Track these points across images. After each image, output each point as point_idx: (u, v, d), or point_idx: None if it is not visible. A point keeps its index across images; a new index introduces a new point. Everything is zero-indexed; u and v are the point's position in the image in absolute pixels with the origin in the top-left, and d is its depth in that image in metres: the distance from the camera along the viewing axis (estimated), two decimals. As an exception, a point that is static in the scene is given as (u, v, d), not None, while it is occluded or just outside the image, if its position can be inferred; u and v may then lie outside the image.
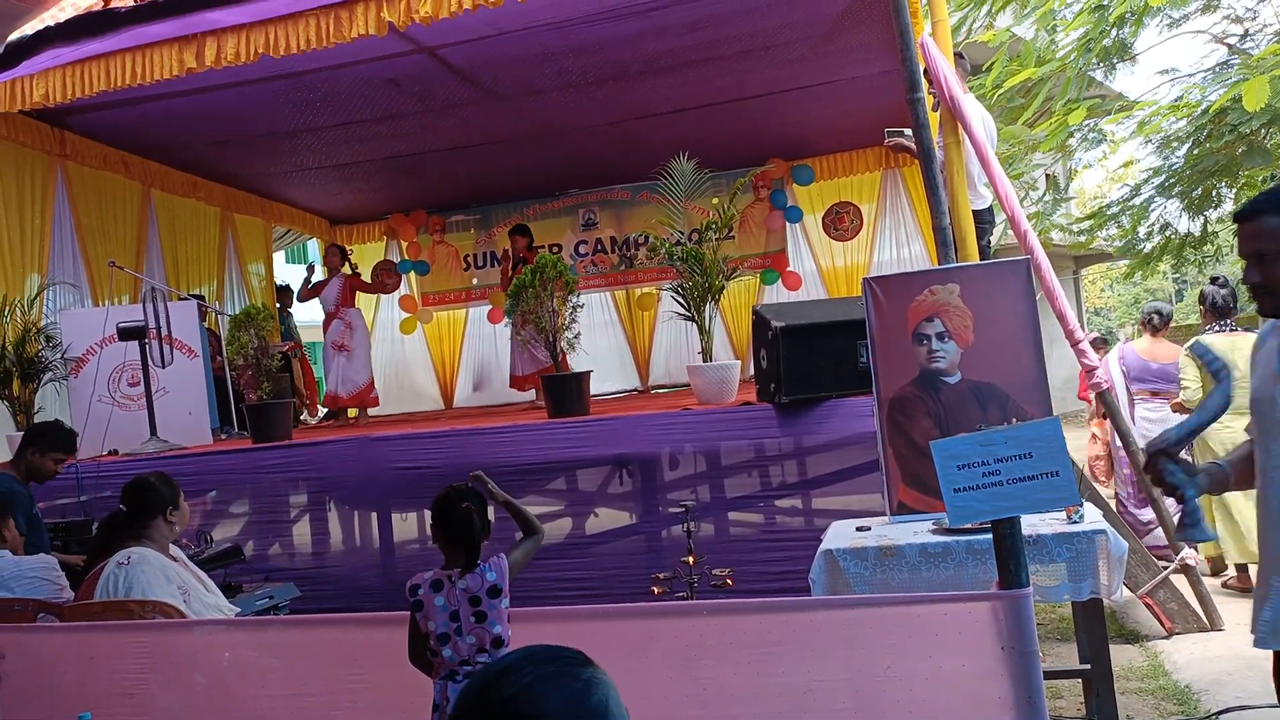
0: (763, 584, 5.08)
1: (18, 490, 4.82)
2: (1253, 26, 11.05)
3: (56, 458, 5.00)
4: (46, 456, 4.96)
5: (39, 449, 4.96)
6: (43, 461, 4.96)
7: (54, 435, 5.05)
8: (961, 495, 2.58)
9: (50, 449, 4.98)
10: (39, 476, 5.01)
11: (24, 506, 4.76)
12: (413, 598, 2.89)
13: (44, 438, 5.01)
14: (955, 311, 4.30)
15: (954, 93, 5.11)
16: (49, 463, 4.97)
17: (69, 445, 5.09)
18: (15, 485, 4.86)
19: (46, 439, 5.01)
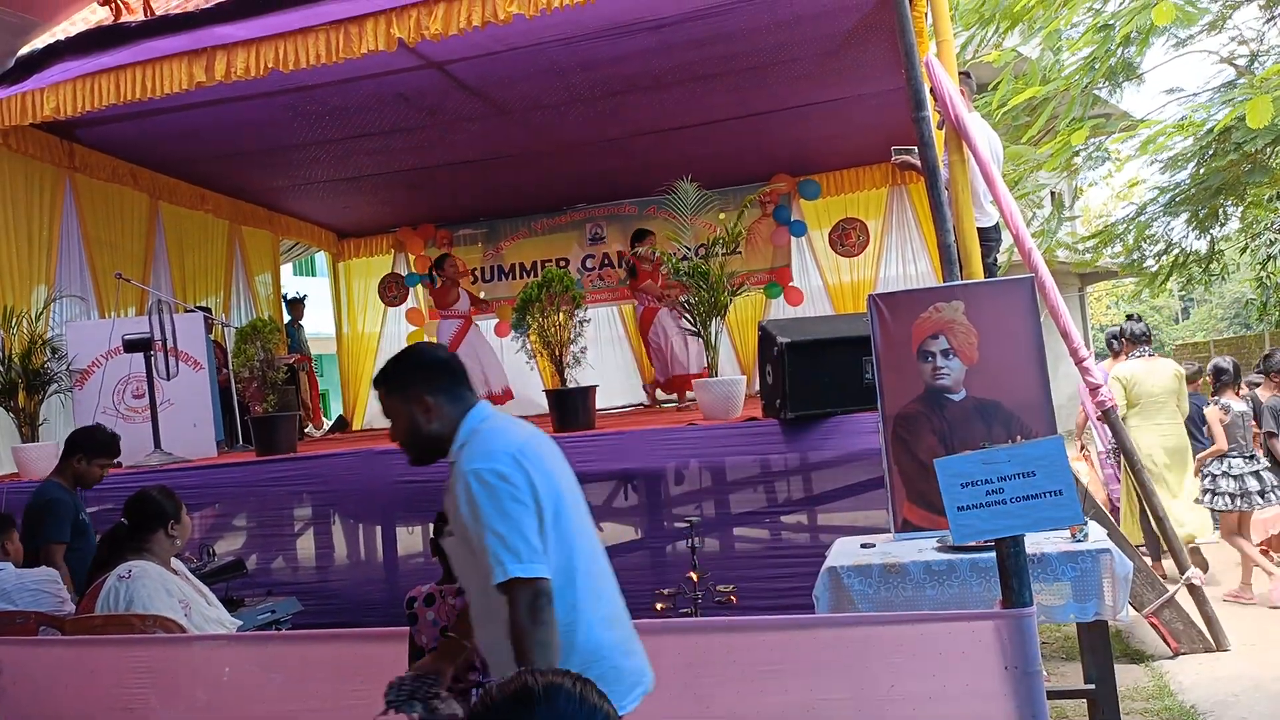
0: (767, 600, 5.07)
1: (63, 498, 4.87)
2: (1259, 48, 11.07)
3: (102, 463, 5.01)
4: (93, 464, 4.97)
5: (85, 455, 4.96)
6: (89, 469, 4.97)
7: (99, 441, 5.04)
8: (965, 513, 2.57)
9: (96, 455, 4.99)
10: (86, 482, 5.03)
11: (69, 514, 4.84)
12: (408, 610, 2.89)
13: (89, 444, 5.01)
14: (960, 329, 4.29)
15: (958, 111, 5.12)
16: (95, 469, 4.99)
17: (113, 449, 5.09)
18: (61, 493, 4.90)
19: (92, 445, 5.00)
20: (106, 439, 5.07)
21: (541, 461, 2.35)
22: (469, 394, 2.47)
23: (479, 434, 2.37)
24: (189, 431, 6.90)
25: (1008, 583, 2.63)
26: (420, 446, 2.46)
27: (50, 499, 4.88)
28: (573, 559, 2.31)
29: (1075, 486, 2.60)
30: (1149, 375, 7.40)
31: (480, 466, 2.26)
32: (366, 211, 11.45)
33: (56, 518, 4.81)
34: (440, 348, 2.60)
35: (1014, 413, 4.20)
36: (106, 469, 5.08)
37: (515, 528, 2.20)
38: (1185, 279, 12.75)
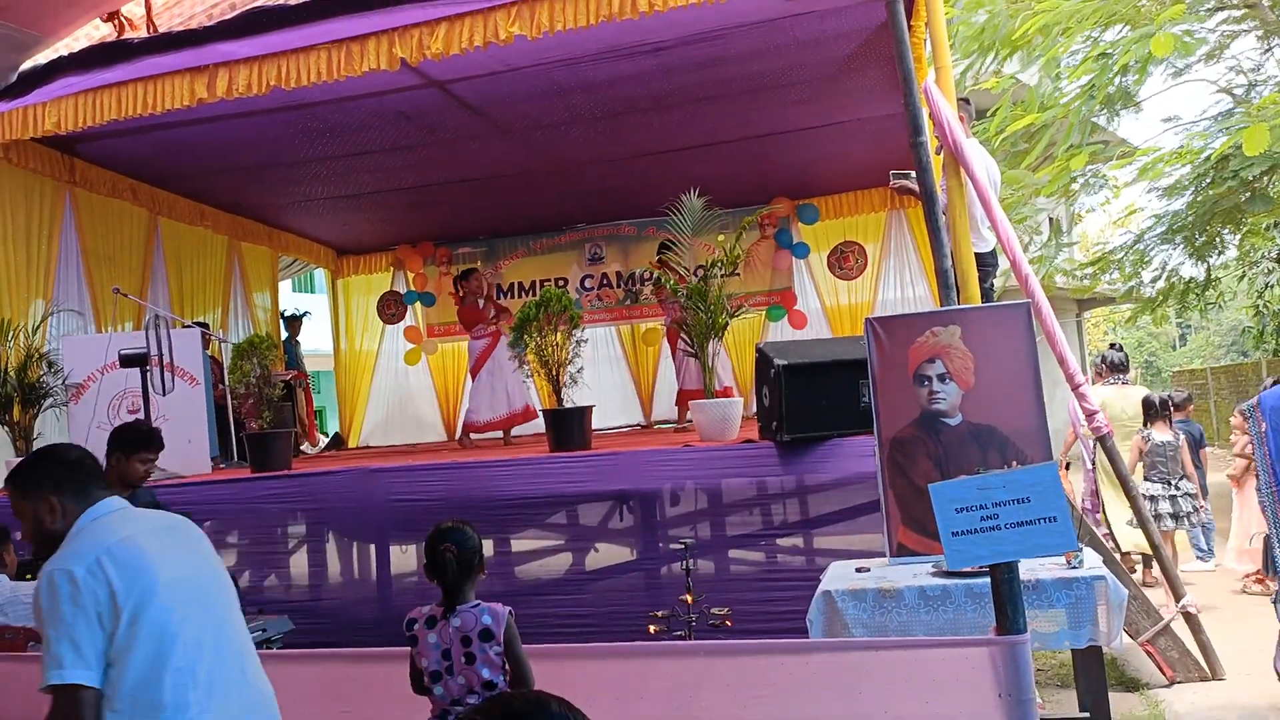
0: (761, 624, 5.05)
1: None
2: (1257, 78, 11.14)
3: (143, 458, 4.72)
4: (133, 459, 4.68)
5: (124, 452, 4.68)
6: (130, 465, 4.67)
7: (133, 436, 4.78)
8: (960, 538, 2.57)
9: (134, 450, 4.69)
10: (131, 481, 4.70)
11: None
12: (408, 632, 2.89)
13: (123, 440, 4.74)
14: (957, 353, 4.30)
15: (956, 137, 5.14)
16: (136, 465, 4.69)
17: (151, 441, 4.81)
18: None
19: (127, 441, 4.73)
20: (142, 431, 4.82)
21: (137, 559, 2.32)
22: (98, 491, 2.50)
23: (80, 533, 2.40)
24: (183, 447, 6.88)
25: (1002, 609, 2.62)
26: (41, 543, 2.48)
27: None
28: (166, 655, 2.28)
29: (1070, 512, 2.59)
30: (1119, 401, 8.29)
31: (54, 567, 2.29)
32: (366, 229, 11.48)
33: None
34: (74, 448, 2.61)
35: (1009, 438, 4.20)
36: (150, 463, 4.76)
37: (65, 633, 2.20)
38: (1182, 306, 12.79)
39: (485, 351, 8.98)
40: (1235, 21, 10.75)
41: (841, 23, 6.53)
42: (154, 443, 4.79)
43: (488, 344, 8.97)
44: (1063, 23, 9.15)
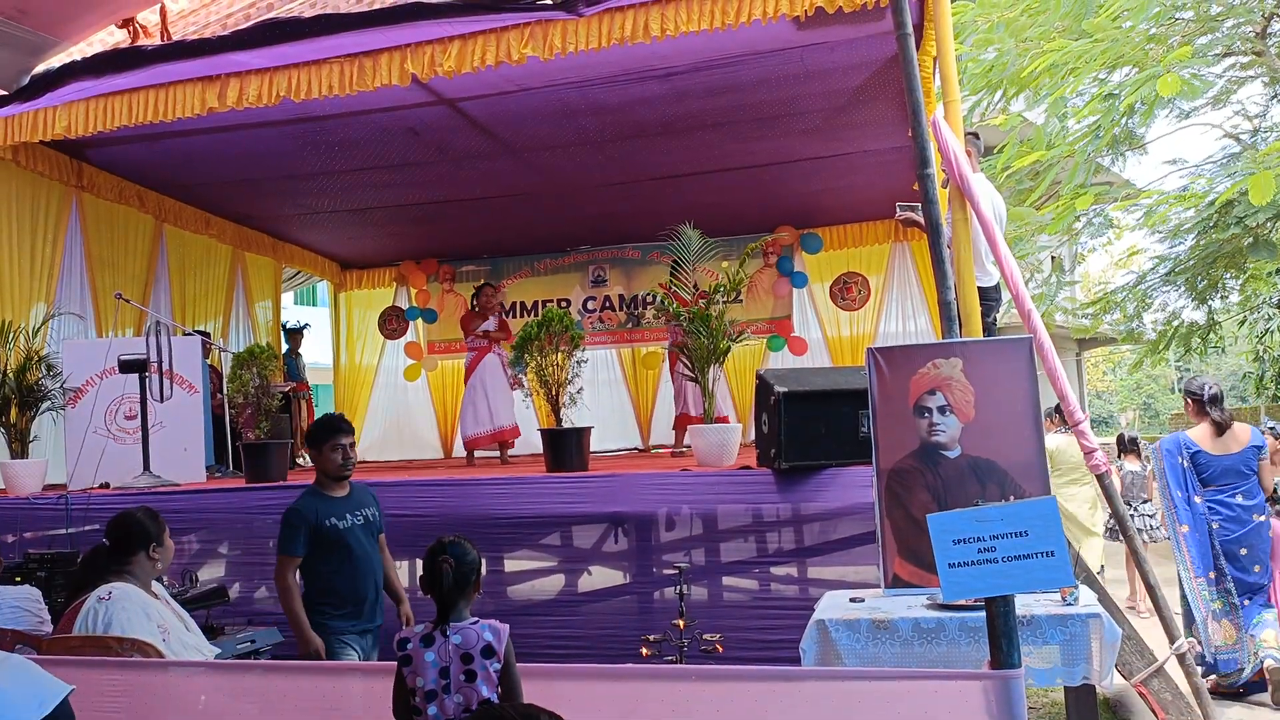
0: (753, 651, 5.02)
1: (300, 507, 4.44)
2: (1263, 124, 11.18)
3: (334, 444, 4.49)
4: (324, 450, 4.49)
5: (315, 448, 4.53)
6: (325, 457, 4.50)
7: (317, 428, 4.60)
8: (956, 571, 2.55)
9: (320, 441, 4.51)
10: (332, 473, 4.53)
11: (303, 524, 4.40)
12: (401, 651, 2.83)
13: (312, 435, 4.59)
14: (957, 386, 4.29)
15: (963, 171, 5.15)
16: (329, 454, 4.49)
17: (335, 426, 4.57)
18: (302, 501, 4.48)
19: (313, 436, 4.57)
20: (326, 421, 4.64)
21: None
22: None
23: None
24: (179, 455, 6.87)
25: (997, 643, 2.60)
26: None
27: (288, 509, 4.48)
28: None
29: (1067, 548, 2.58)
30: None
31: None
32: (370, 243, 11.50)
33: (288, 529, 4.42)
34: None
35: (1008, 472, 4.19)
36: (342, 449, 4.50)
37: None
38: (1185, 349, 12.78)
39: (471, 365, 9.05)
40: (1242, 68, 10.80)
41: (852, 54, 6.57)
42: (337, 425, 4.58)
43: (473, 358, 9.01)
44: (1070, 63, 9.20)
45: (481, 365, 8.92)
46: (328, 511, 4.46)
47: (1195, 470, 6.19)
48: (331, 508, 4.48)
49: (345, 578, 4.45)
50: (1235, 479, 6.14)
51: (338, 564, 4.44)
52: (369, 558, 4.55)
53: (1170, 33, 9.71)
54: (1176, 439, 6.35)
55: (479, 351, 8.97)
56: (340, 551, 4.44)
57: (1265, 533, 6.11)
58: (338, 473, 4.54)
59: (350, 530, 4.48)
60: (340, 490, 4.58)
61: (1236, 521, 6.06)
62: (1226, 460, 6.14)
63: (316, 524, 4.40)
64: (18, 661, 2.35)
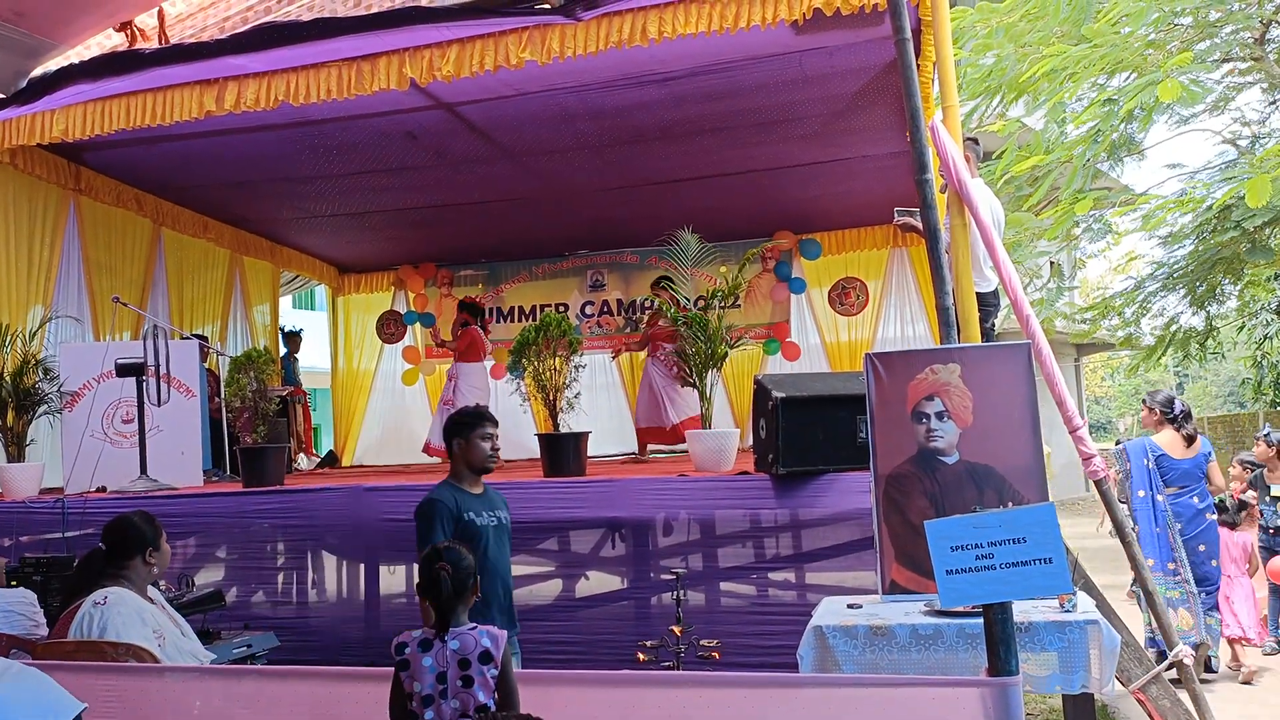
0: (750, 657, 5.00)
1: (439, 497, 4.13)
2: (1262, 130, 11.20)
3: (484, 433, 4.24)
4: (472, 440, 4.22)
5: (462, 437, 4.25)
6: (475, 446, 4.22)
7: (466, 416, 4.32)
8: (954, 577, 2.55)
9: (472, 429, 4.24)
10: (476, 465, 4.24)
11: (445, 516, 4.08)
12: (399, 656, 2.82)
13: (459, 424, 4.30)
14: (955, 392, 4.27)
15: (962, 176, 5.15)
16: (477, 443, 4.22)
17: (486, 415, 4.34)
18: (441, 492, 4.18)
19: (460, 424, 4.29)
20: (471, 409, 4.39)
21: None
22: None
23: None
24: (176, 459, 6.85)
25: (994, 650, 2.60)
26: None
27: (425, 500, 4.18)
28: None
29: (1066, 555, 2.57)
30: None
31: None
32: (369, 248, 11.50)
33: (426, 522, 4.09)
34: None
35: (1006, 478, 4.17)
36: (491, 439, 4.26)
37: None
38: (1184, 355, 12.79)
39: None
40: (1241, 74, 10.82)
41: (850, 59, 6.57)
42: (482, 415, 4.33)
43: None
44: (1069, 68, 9.21)
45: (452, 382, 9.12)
46: (467, 505, 4.17)
47: (1159, 472, 6.78)
48: (469, 502, 4.19)
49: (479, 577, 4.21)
50: (1191, 481, 6.74)
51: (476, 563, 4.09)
52: (502, 560, 4.31)
53: (1169, 38, 9.73)
54: (1142, 443, 6.93)
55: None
56: (478, 550, 4.06)
57: (1215, 530, 6.80)
58: (484, 465, 4.25)
59: (486, 529, 4.19)
60: (478, 487, 4.30)
61: (1194, 521, 6.69)
62: (1185, 464, 6.74)
63: (457, 515, 4.11)
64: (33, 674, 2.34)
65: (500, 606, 4.28)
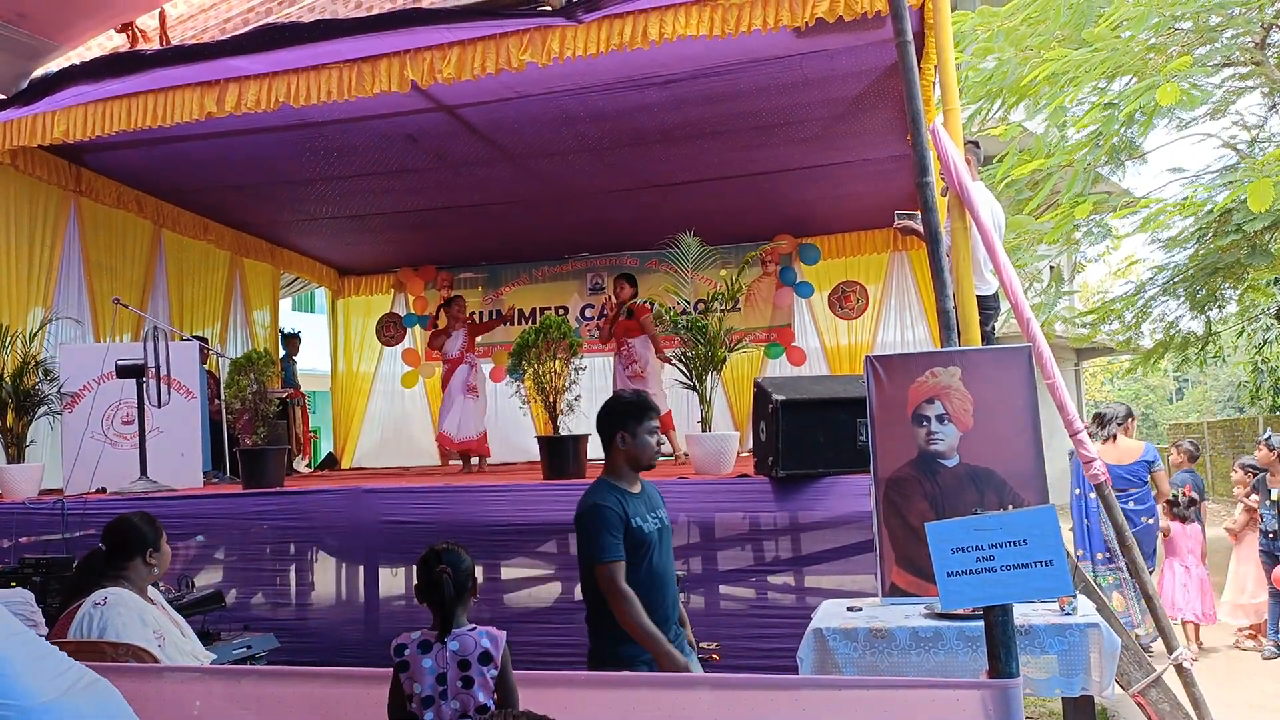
0: (750, 660, 4.99)
1: (606, 502, 3.61)
2: (1261, 134, 11.20)
3: (651, 427, 3.76)
4: (639, 434, 3.72)
5: (628, 430, 3.72)
6: (642, 441, 3.72)
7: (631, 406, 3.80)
8: (954, 580, 2.54)
9: (638, 421, 3.74)
10: (640, 462, 3.76)
11: (616, 522, 3.57)
12: (398, 657, 2.82)
13: (621, 415, 3.78)
14: (956, 395, 4.28)
15: (963, 179, 5.15)
16: (644, 435, 3.73)
17: (652, 405, 3.84)
18: (606, 494, 3.65)
19: (624, 415, 3.77)
20: (637, 398, 3.85)
21: None
22: None
23: None
24: (176, 460, 6.86)
25: (995, 653, 2.59)
26: None
27: (588, 505, 3.63)
28: None
29: (1066, 558, 2.57)
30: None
31: None
32: (368, 250, 11.50)
33: (602, 527, 3.55)
34: None
35: (1007, 481, 4.17)
36: (653, 431, 3.78)
37: None
38: (1183, 359, 12.80)
39: (445, 377, 9.09)
40: (1241, 78, 10.83)
41: (851, 62, 6.58)
42: (646, 404, 3.82)
43: (446, 370, 9.03)
44: (1070, 72, 9.21)
45: (452, 380, 8.97)
46: (634, 509, 3.66)
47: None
48: (634, 505, 3.68)
49: (648, 588, 3.63)
50: (1125, 485, 7.27)
51: (644, 573, 3.63)
52: (670, 568, 3.82)
53: (1170, 43, 9.74)
54: None
55: (451, 364, 9.01)
56: (646, 558, 3.66)
57: (1151, 534, 7.45)
58: (651, 460, 3.77)
59: (652, 535, 3.69)
60: (637, 485, 3.79)
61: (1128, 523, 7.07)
62: (1119, 470, 7.28)
63: (627, 521, 3.61)
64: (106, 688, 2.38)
65: (672, 621, 3.76)
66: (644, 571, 3.63)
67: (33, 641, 2.39)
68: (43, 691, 2.24)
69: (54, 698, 2.25)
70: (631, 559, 3.58)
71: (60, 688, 2.30)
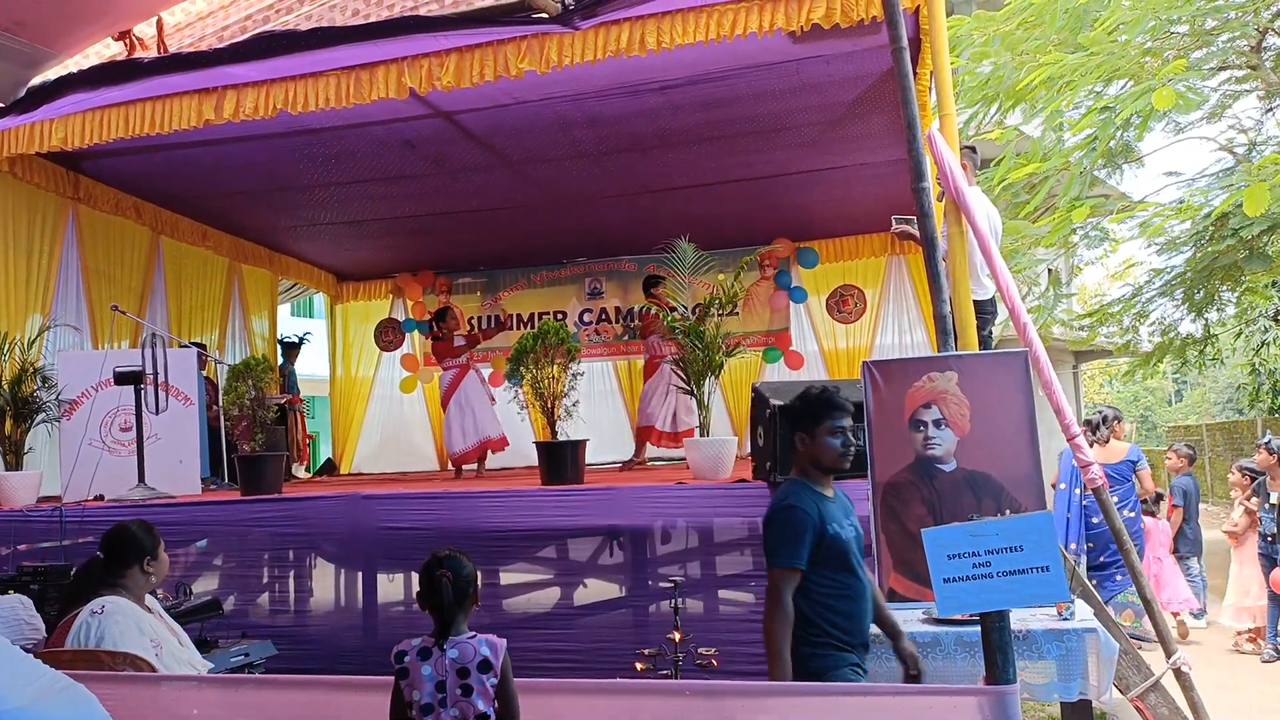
0: (748, 665, 4.98)
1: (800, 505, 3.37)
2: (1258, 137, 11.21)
3: (833, 429, 3.47)
4: (817, 435, 3.46)
5: (806, 431, 3.49)
6: (821, 444, 3.45)
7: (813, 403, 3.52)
8: (951, 585, 2.55)
9: (815, 423, 3.47)
10: (827, 462, 3.49)
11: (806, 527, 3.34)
12: (398, 664, 2.82)
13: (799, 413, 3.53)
14: (953, 399, 4.28)
15: (959, 184, 5.16)
16: (824, 438, 3.46)
17: (835, 403, 3.53)
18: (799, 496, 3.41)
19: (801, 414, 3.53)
20: (818, 395, 3.53)
21: None
22: None
23: None
24: (174, 467, 6.85)
25: (992, 658, 2.60)
26: None
27: (781, 506, 3.39)
28: None
29: (1063, 563, 2.57)
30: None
31: None
32: (367, 256, 11.50)
33: (787, 529, 3.33)
34: None
35: (1004, 486, 4.18)
36: (844, 434, 3.49)
37: None
38: (1180, 362, 12.80)
39: (452, 384, 9.05)
40: (1237, 82, 10.85)
41: (847, 67, 6.59)
42: (839, 404, 3.54)
43: (455, 375, 9.02)
44: (1066, 76, 9.23)
45: (464, 383, 8.94)
46: (830, 514, 3.41)
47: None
48: (830, 510, 3.44)
49: (851, 600, 3.43)
50: (1110, 482, 7.57)
51: (844, 582, 3.41)
52: (867, 579, 3.56)
53: (1165, 46, 9.76)
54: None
55: (459, 370, 9.00)
56: (845, 567, 3.41)
57: (1134, 526, 7.82)
58: (833, 463, 3.48)
59: (849, 544, 3.46)
60: (830, 488, 3.54)
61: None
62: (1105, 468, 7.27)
63: (821, 527, 3.35)
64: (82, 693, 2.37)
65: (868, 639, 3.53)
66: (845, 582, 3.39)
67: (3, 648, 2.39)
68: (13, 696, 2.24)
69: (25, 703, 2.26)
70: (831, 568, 3.37)
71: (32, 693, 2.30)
